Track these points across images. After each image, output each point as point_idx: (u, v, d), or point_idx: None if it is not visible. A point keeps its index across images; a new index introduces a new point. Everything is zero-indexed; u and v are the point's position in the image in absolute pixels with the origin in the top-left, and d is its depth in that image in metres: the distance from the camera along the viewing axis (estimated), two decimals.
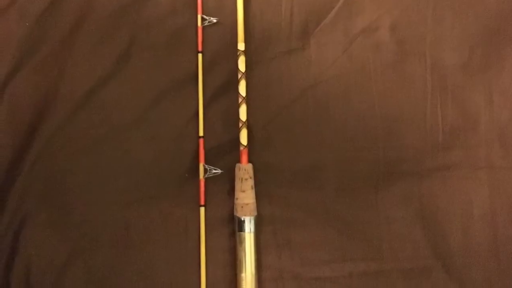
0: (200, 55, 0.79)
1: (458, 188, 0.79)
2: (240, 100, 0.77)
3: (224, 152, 0.79)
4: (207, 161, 0.78)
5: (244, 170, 0.75)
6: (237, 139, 0.77)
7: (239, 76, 0.77)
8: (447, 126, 0.79)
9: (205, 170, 0.78)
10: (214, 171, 0.78)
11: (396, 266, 0.77)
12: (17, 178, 0.77)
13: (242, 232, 0.74)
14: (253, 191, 0.76)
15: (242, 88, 0.77)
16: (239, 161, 0.76)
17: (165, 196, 0.78)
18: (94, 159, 0.78)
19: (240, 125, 0.76)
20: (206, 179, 0.78)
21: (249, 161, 0.77)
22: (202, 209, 0.78)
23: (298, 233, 0.78)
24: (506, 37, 0.80)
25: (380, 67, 0.80)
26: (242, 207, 0.75)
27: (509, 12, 0.81)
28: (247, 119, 0.77)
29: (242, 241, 0.74)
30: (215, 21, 0.80)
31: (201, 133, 0.78)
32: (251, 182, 0.75)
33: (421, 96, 0.80)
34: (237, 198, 0.75)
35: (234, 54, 0.78)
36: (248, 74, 0.78)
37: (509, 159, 0.79)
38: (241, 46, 0.77)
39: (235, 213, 0.75)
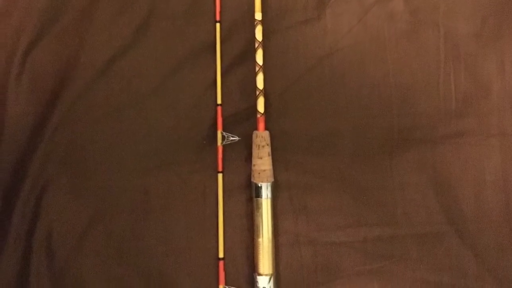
0: (218, 25, 0.80)
1: (471, 155, 0.80)
2: (257, 68, 0.78)
3: (242, 120, 0.80)
4: (224, 129, 0.80)
5: (261, 137, 0.77)
6: (254, 106, 0.78)
7: (256, 45, 0.78)
8: (460, 94, 0.80)
9: (223, 137, 0.79)
10: (231, 138, 0.79)
11: (410, 231, 0.79)
12: (39, 145, 0.79)
13: (259, 198, 0.76)
14: (270, 157, 0.77)
15: (259, 57, 0.78)
16: (256, 128, 0.77)
17: (184, 163, 0.80)
18: (114, 126, 0.80)
19: (257, 93, 0.77)
20: (224, 146, 0.79)
21: (266, 128, 0.78)
22: (220, 175, 0.79)
23: (314, 198, 0.79)
24: None
25: (394, 36, 0.81)
26: (259, 173, 0.76)
27: None
28: (264, 87, 0.78)
29: (259, 206, 0.76)
30: None
31: (219, 101, 0.80)
32: (268, 149, 0.77)
33: (434, 64, 0.81)
34: (254, 165, 0.76)
35: (251, 23, 0.78)
36: (265, 43, 0.79)
37: None
38: (258, 15, 0.78)
39: (252, 179, 0.76)
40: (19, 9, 0.80)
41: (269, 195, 0.76)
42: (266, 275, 0.74)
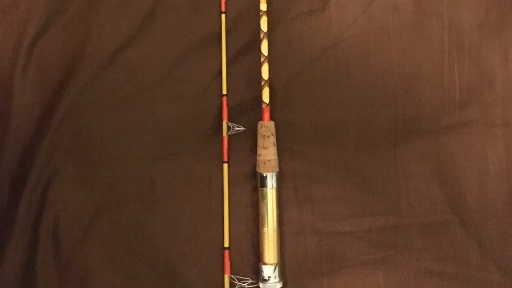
0: (223, 15, 0.81)
1: (475, 145, 0.80)
2: (262, 59, 0.78)
3: (247, 110, 0.81)
4: (230, 119, 0.80)
5: (266, 127, 0.77)
6: (259, 97, 0.78)
7: (261, 36, 0.78)
8: (464, 84, 0.81)
9: (228, 128, 0.80)
10: (237, 128, 0.79)
11: (414, 220, 0.79)
12: (45, 135, 0.79)
13: (264, 188, 0.76)
14: (275, 147, 0.77)
15: (264, 48, 0.78)
16: (261, 118, 0.78)
17: (189, 153, 0.80)
18: (120, 116, 0.80)
19: (262, 83, 0.78)
20: (229, 136, 0.80)
21: (271, 118, 0.78)
22: (225, 166, 0.79)
23: (318, 188, 0.80)
24: None
25: (398, 27, 0.82)
26: (264, 163, 0.76)
27: None
28: (269, 78, 0.78)
29: (264, 196, 0.76)
30: None
31: (224, 92, 0.80)
32: (273, 139, 0.77)
33: (438, 55, 0.81)
34: (259, 155, 0.77)
35: (256, 14, 0.79)
36: (270, 34, 0.79)
37: None
38: (263, 6, 0.78)
39: (257, 169, 0.77)
40: (26, 0, 0.80)
41: (274, 185, 0.76)
42: (271, 264, 0.75)
